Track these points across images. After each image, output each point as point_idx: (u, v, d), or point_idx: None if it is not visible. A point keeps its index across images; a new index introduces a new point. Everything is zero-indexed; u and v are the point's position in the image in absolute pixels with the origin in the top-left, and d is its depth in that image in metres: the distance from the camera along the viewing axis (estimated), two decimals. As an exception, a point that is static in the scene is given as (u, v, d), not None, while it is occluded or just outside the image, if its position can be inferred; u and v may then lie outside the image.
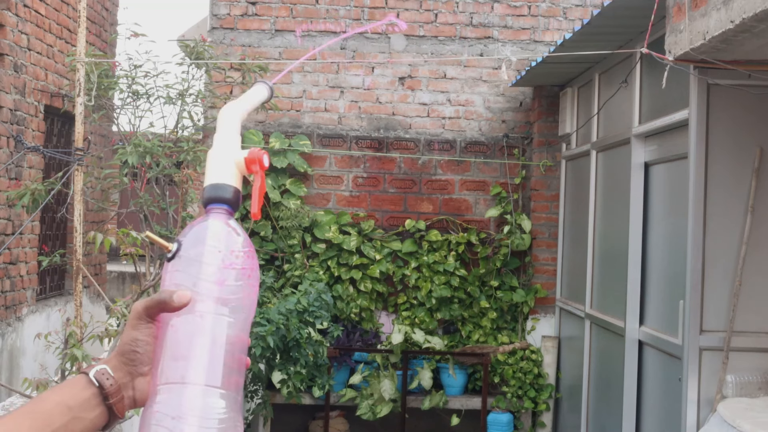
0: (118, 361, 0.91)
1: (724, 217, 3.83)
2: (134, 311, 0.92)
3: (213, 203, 0.97)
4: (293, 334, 5.05)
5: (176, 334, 0.90)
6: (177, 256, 0.93)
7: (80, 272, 3.92)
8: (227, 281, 0.92)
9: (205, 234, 0.94)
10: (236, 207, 0.98)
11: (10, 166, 5.71)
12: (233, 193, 0.98)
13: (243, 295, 0.93)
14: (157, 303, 0.90)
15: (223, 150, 1.00)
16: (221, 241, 0.93)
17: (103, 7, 7.84)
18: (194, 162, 4.62)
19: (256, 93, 1.08)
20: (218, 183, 0.98)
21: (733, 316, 3.76)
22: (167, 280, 0.93)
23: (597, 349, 5.45)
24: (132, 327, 0.92)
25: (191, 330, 0.90)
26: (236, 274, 0.92)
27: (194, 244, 0.93)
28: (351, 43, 6.64)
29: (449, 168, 6.60)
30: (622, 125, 5.01)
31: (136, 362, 0.91)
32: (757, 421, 3.39)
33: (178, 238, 0.95)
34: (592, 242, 5.53)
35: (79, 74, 4.09)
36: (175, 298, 0.89)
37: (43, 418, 0.86)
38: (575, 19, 6.58)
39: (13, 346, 5.94)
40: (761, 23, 2.91)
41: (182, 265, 0.92)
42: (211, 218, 0.96)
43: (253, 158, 0.99)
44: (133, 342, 0.91)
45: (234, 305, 0.92)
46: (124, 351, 0.91)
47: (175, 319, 0.90)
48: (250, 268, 0.94)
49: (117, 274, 12.25)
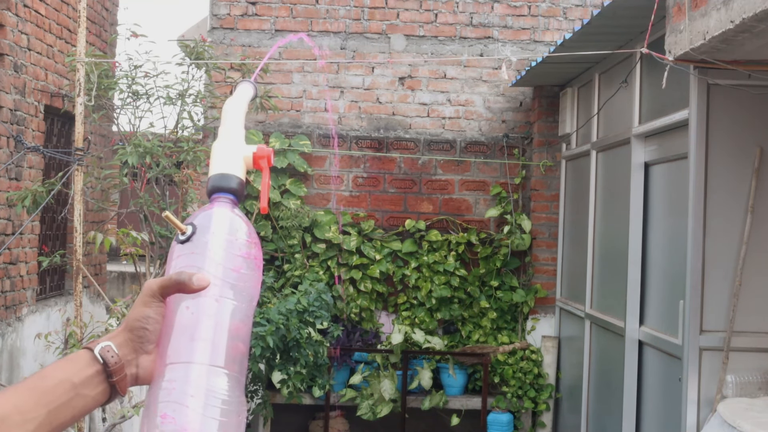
0: (125, 338, 0.90)
1: (724, 217, 3.83)
2: (148, 288, 0.91)
3: (219, 192, 0.98)
4: (293, 334, 5.05)
5: (191, 316, 0.90)
6: (191, 240, 0.94)
7: (80, 272, 3.93)
8: (242, 269, 0.93)
9: (217, 221, 0.95)
10: (241, 198, 1.00)
11: (10, 166, 5.71)
12: (239, 184, 0.99)
13: (252, 284, 0.94)
14: (176, 283, 0.89)
15: (230, 142, 1.02)
16: (233, 229, 0.95)
17: (103, 7, 7.84)
18: (194, 162, 4.62)
19: (244, 91, 1.11)
20: (225, 173, 0.99)
21: (733, 316, 3.76)
22: (181, 261, 0.93)
23: (597, 349, 5.45)
24: (144, 304, 0.91)
25: (206, 312, 0.90)
26: (248, 262, 0.94)
27: (207, 229, 0.94)
28: (351, 43, 6.64)
29: (449, 168, 6.60)
30: (622, 125, 5.01)
31: (144, 340, 0.90)
32: (757, 421, 3.39)
33: (190, 221, 0.96)
34: (592, 242, 5.53)
35: (79, 74, 4.09)
36: (194, 280, 0.89)
37: (48, 394, 0.86)
38: (575, 19, 6.58)
39: (13, 346, 5.94)
40: (761, 23, 2.91)
41: (198, 248, 0.93)
42: (218, 206, 0.97)
43: (262, 154, 1.02)
44: (144, 319, 0.90)
45: (244, 293, 0.93)
46: (133, 327, 0.90)
47: (190, 300, 0.91)
48: (259, 259, 0.96)
49: (117, 274, 12.25)
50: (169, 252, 0.97)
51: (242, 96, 1.10)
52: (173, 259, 0.95)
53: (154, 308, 0.91)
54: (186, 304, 0.91)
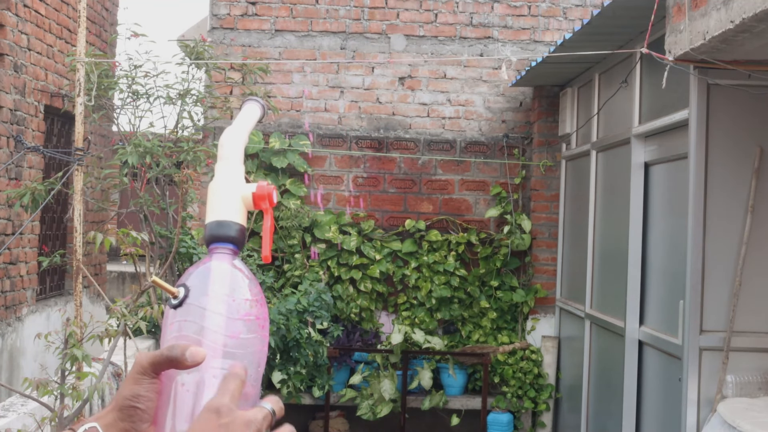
0: (114, 417, 0.84)
1: (724, 217, 3.83)
2: (138, 365, 0.85)
3: (217, 242, 0.89)
4: (293, 334, 5.05)
5: (186, 393, 0.83)
6: (184, 304, 0.85)
7: (80, 272, 3.92)
8: (240, 334, 0.85)
9: (215, 280, 0.86)
10: (242, 246, 0.91)
11: (10, 166, 5.71)
12: (238, 231, 0.90)
13: (256, 349, 0.86)
14: (167, 359, 0.82)
15: (226, 183, 0.92)
16: (232, 288, 0.86)
17: (103, 7, 7.84)
18: (194, 162, 4.62)
19: (249, 113, 1.01)
20: (222, 220, 0.90)
21: (733, 316, 3.76)
22: (174, 330, 0.85)
23: (597, 349, 5.45)
24: (134, 381, 0.84)
25: (203, 389, 0.83)
26: (249, 325, 0.85)
27: (203, 291, 0.85)
28: (351, 43, 6.64)
29: (449, 168, 6.60)
30: (622, 125, 5.01)
31: (136, 419, 0.84)
32: (757, 421, 3.39)
33: (182, 282, 0.87)
34: (592, 242, 5.53)
35: (79, 74, 4.09)
36: (188, 355, 0.81)
37: None
38: (575, 19, 6.58)
39: (13, 346, 5.94)
40: (761, 23, 2.91)
41: (190, 314, 0.85)
42: (216, 260, 0.88)
43: (262, 194, 0.92)
44: (134, 398, 0.84)
45: (247, 360, 0.85)
46: (123, 406, 0.84)
47: (185, 376, 0.83)
48: (263, 318, 0.87)
49: (117, 274, 12.25)
50: (164, 317, 0.89)
51: (246, 121, 0.99)
52: (166, 326, 0.87)
53: (146, 386, 0.84)
54: (181, 380, 0.84)
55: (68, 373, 3.53)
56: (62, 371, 3.49)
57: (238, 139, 0.96)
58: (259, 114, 1.02)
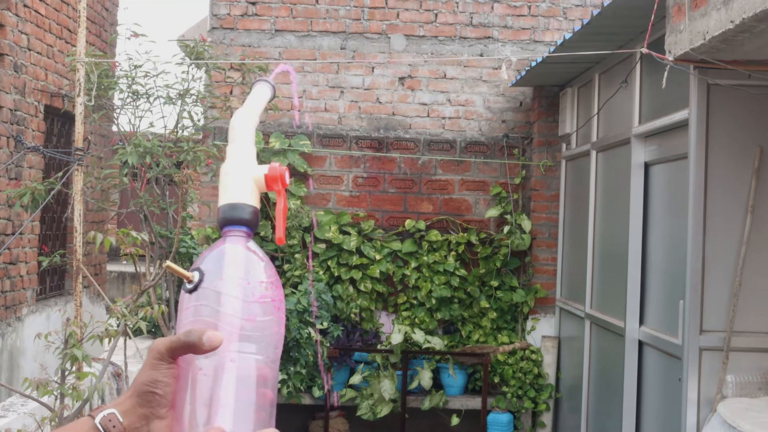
0: (132, 403, 0.84)
1: (724, 217, 3.83)
2: (155, 350, 0.85)
3: (230, 225, 0.89)
4: (293, 334, 5.05)
5: (204, 377, 0.83)
6: (199, 288, 0.85)
7: (80, 272, 3.92)
8: (257, 316, 0.84)
9: (229, 263, 0.86)
10: (255, 228, 0.90)
11: (10, 166, 5.71)
12: (252, 214, 0.89)
13: (273, 331, 0.86)
14: (184, 344, 0.82)
15: (239, 165, 0.91)
16: (247, 271, 0.86)
17: (103, 7, 7.84)
18: (194, 162, 4.62)
19: (260, 94, 0.99)
20: (235, 203, 0.89)
21: (733, 316, 3.76)
22: (189, 315, 0.85)
23: (597, 349, 5.45)
24: (151, 367, 0.84)
25: (221, 372, 0.83)
26: (265, 307, 0.85)
27: (217, 274, 0.85)
28: (351, 43, 6.64)
29: (449, 168, 6.60)
30: (622, 125, 5.01)
31: (154, 404, 0.84)
32: (757, 421, 3.39)
33: (196, 266, 0.86)
34: (592, 242, 5.53)
35: (79, 74, 4.09)
36: (205, 340, 0.81)
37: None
38: (575, 19, 6.58)
39: (13, 346, 5.94)
40: (761, 23, 2.91)
41: (205, 299, 0.84)
42: (230, 243, 0.88)
43: (274, 176, 0.91)
44: (153, 383, 0.84)
45: (264, 342, 0.85)
46: (141, 392, 0.84)
47: (203, 360, 0.83)
48: (279, 300, 0.87)
49: (117, 274, 12.25)
50: (179, 301, 0.88)
51: (256, 103, 0.98)
52: (182, 310, 0.86)
53: (163, 371, 0.84)
54: (199, 365, 0.83)
55: (68, 373, 3.53)
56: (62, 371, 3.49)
57: (249, 121, 0.95)
58: (270, 95, 1.00)
